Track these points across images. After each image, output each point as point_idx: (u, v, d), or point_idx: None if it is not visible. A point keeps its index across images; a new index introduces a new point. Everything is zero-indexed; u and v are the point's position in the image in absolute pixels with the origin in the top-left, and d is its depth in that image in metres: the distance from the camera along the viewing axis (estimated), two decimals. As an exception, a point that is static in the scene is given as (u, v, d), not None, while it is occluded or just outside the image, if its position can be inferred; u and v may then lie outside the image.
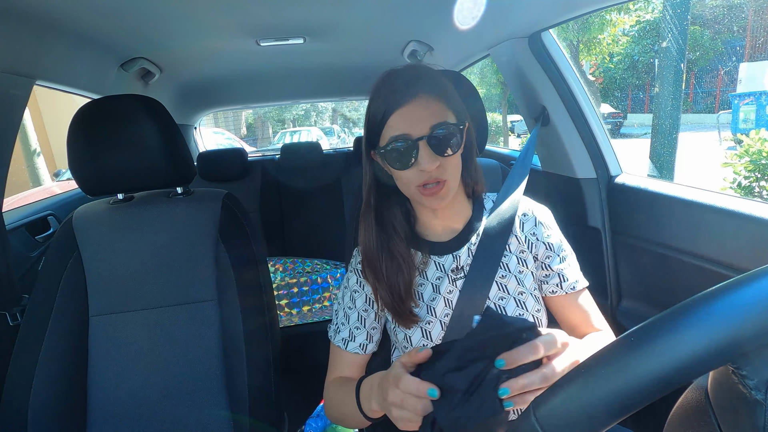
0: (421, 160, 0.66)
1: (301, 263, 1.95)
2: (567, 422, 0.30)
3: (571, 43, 8.18)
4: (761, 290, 0.27)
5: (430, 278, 0.76)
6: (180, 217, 0.97)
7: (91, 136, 0.88)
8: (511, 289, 0.75)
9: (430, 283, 0.76)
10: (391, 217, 0.76)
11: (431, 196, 0.69)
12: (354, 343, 0.79)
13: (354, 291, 0.80)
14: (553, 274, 0.77)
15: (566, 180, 1.25)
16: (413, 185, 0.69)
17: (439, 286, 0.76)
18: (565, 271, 0.77)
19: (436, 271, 0.76)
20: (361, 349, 0.79)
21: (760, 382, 0.28)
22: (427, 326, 0.74)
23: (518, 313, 0.74)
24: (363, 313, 0.79)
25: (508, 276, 0.75)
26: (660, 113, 4.46)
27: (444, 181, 0.68)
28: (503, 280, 0.75)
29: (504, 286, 0.75)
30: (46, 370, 0.87)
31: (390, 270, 0.73)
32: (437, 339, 0.73)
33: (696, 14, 10.46)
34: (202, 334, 0.94)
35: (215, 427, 0.92)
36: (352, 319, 0.79)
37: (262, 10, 1.21)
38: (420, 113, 0.66)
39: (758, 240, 0.78)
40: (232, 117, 17.95)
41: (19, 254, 1.38)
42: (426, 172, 0.66)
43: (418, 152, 0.66)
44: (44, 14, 0.99)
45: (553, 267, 0.77)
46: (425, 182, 0.68)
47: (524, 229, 0.78)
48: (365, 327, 0.79)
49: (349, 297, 0.80)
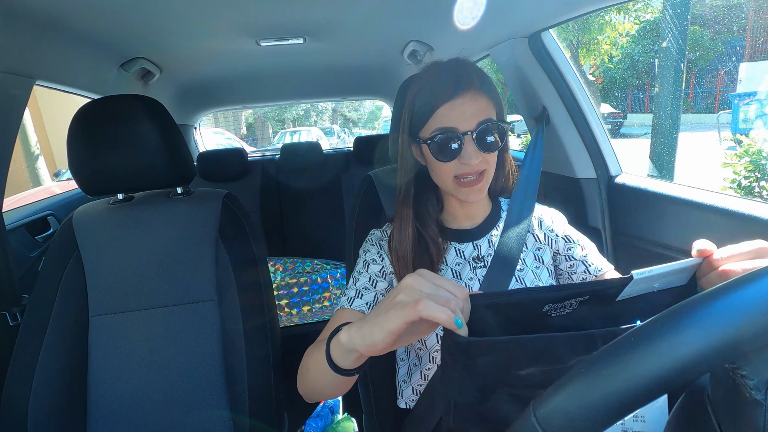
0: (465, 154, 0.68)
1: (301, 263, 1.95)
2: (567, 422, 0.30)
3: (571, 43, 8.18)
4: (761, 290, 0.28)
5: (449, 263, 0.79)
6: (180, 217, 0.97)
7: (91, 136, 0.88)
8: (528, 282, 0.78)
9: (450, 269, 0.78)
10: (427, 203, 0.78)
11: (468, 188, 0.71)
12: (360, 300, 0.72)
13: (372, 260, 0.78)
14: (577, 263, 0.80)
15: (566, 180, 1.25)
16: (451, 176, 0.71)
17: (460, 272, 0.78)
18: (588, 258, 0.80)
19: (456, 257, 0.79)
20: (367, 308, 0.71)
21: (760, 382, 0.28)
22: None
23: None
24: (375, 277, 0.76)
25: (525, 270, 0.78)
26: (660, 113, 4.46)
27: (483, 175, 0.71)
28: (521, 273, 0.78)
29: (522, 279, 0.78)
30: (46, 370, 0.87)
31: (417, 252, 0.75)
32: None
33: (696, 14, 10.46)
34: (202, 334, 0.94)
35: (215, 427, 0.92)
36: (362, 281, 0.76)
37: (262, 10, 1.21)
38: (468, 108, 0.68)
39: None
40: (232, 117, 17.94)
41: (19, 254, 1.38)
42: (468, 165, 0.69)
43: (462, 146, 0.68)
44: (44, 14, 0.99)
45: (576, 256, 0.80)
46: (464, 174, 0.70)
47: (542, 227, 0.82)
48: (375, 289, 0.74)
49: (363, 263, 0.78)
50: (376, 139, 2.46)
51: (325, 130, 14.66)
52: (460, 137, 0.68)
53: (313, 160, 2.49)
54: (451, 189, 0.73)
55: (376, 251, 0.80)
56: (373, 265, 0.78)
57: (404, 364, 0.83)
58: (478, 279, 0.77)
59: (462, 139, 0.68)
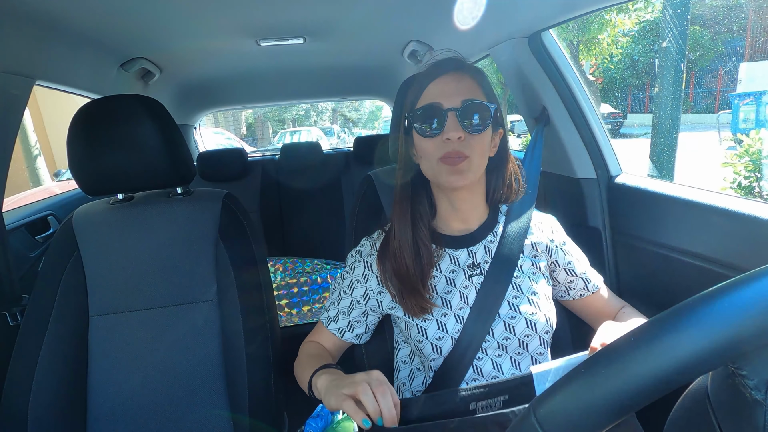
0: (447, 129, 0.69)
1: (301, 263, 1.95)
2: (567, 422, 0.30)
3: (571, 43, 8.18)
4: (761, 290, 0.27)
5: (443, 271, 0.78)
6: (180, 217, 0.97)
7: (91, 136, 0.88)
8: (524, 289, 0.77)
9: (444, 276, 0.78)
10: (418, 205, 0.79)
11: (452, 166, 0.70)
12: (335, 324, 0.82)
13: (356, 281, 0.81)
14: (577, 279, 0.82)
15: (566, 180, 1.25)
16: (435, 157, 0.71)
17: (454, 279, 0.77)
18: (587, 275, 0.83)
19: (450, 264, 0.78)
20: (339, 333, 0.82)
21: (760, 382, 0.28)
22: (443, 318, 0.75)
23: (531, 312, 0.76)
24: (355, 302, 0.81)
25: (521, 276, 0.78)
26: (660, 113, 4.46)
27: (466, 157, 0.70)
28: (517, 280, 0.78)
29: (518, 286, 0.77)
30: (46, 370, 0.87)
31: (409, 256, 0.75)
32: (453, 332, 0.75)
33: (696, 14, 10.45)
34: (202, 334, 0.94)
35: (215, 427, 0.92)
36: (343, 302, 0.82)
37: (262, 10, 1.21)
38: (454, 86, 0.71)
39: (758, 240, 0.78)
40: (232, 117, 17.94)
41: (19, 254, 1.38)
42: (450, 141, 0.69)
43: (445, 122, 0.69)
44: (44, 14, 0.99)
45: (577, 272, 0.82)
46: (448, 154, 0.70)
47: (540, 234, 0.82)
48: (349, 316, 0.82)
49: (348, 283, 0.82)
50: (376, 139, 2.46)
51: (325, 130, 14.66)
52: (443, 113, 0.70)
53: (313, 160, 2.49)
54: (436, 172, 0.73)
55: (361, 272, 0.81)
56: (357, 288, 0.81)
57: (406, 367, 0.83)
58: (475, 287, 0.76)
59: (445, 115, 0.69)
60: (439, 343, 0.74)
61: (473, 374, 0.75)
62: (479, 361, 0.75)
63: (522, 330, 0.75)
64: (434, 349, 0.74)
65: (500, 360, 0.75)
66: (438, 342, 0.74)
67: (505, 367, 0.75)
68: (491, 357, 0.75)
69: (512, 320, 0.75)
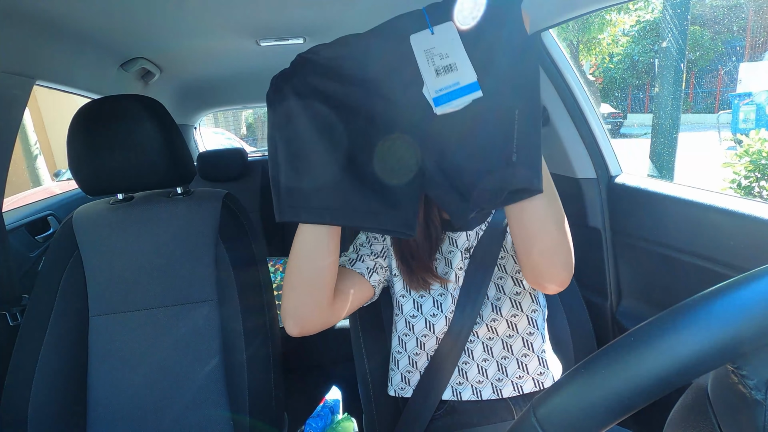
0: None
1: (301, 263, 1.94)
2: (567, 422, 0.30)
3: (571, 43, 8.18)
4: (761, 290, 0.27)
5: (444, 252, 0.81)
6: (180, 217, 0.97)
7: (91, 136, 0.88)
8: (507, 290, 0.78)
9: (444, 258, 0.80)
10: None
11: None
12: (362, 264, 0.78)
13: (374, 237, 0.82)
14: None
15: (566, 180, 1.25)
16: None
17: (451, 260, 0.79)
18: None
19: (449, 245, 0.80)
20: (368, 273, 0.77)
21: (760, 382, 0.28)
22: (440, 297, 0.77)
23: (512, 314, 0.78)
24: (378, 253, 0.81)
25: (504, 277, 0.79)
26: (660, 113, 4.46)
27: None
28: (500, 281, 0.79)
29: (501, 287, 0.79)
30: (46, 370, 0.87)
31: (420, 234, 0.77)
32: (447, 312, 0.76)
33: (696, 14, 10.46)
34: (202, 334, 0.94)
35: (215, 427, 0.92)
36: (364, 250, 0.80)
37: (262, 10, 1.21)
38: None
39: (758, 240, 0.78)
40: (232, 117, 17.92)
41: (19, 254, 1.38)
42: None
43: None
44: (44, 14, 0.99)
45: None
46: None
47: None
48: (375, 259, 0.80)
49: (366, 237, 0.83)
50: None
51: (325, 130, 14.60)
52: None
53: None
54: None
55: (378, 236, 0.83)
56: (375, 244, 0.81)
57: (402, 356, 0.84)
58: (465, 271, 0.79)
59: None
60: (433, 320, 0.77)
61: (465, 357, 0.78)
62: (471, 344, 0.78)
63: (508, 310, 0.77)
64: (427, 325, 0.77)
65: (491, 343, 0.78)
66: (432, 319, 0.77)
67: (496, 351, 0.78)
68: (482, 340, 0.78)
69: (498, 301, 0.78)
